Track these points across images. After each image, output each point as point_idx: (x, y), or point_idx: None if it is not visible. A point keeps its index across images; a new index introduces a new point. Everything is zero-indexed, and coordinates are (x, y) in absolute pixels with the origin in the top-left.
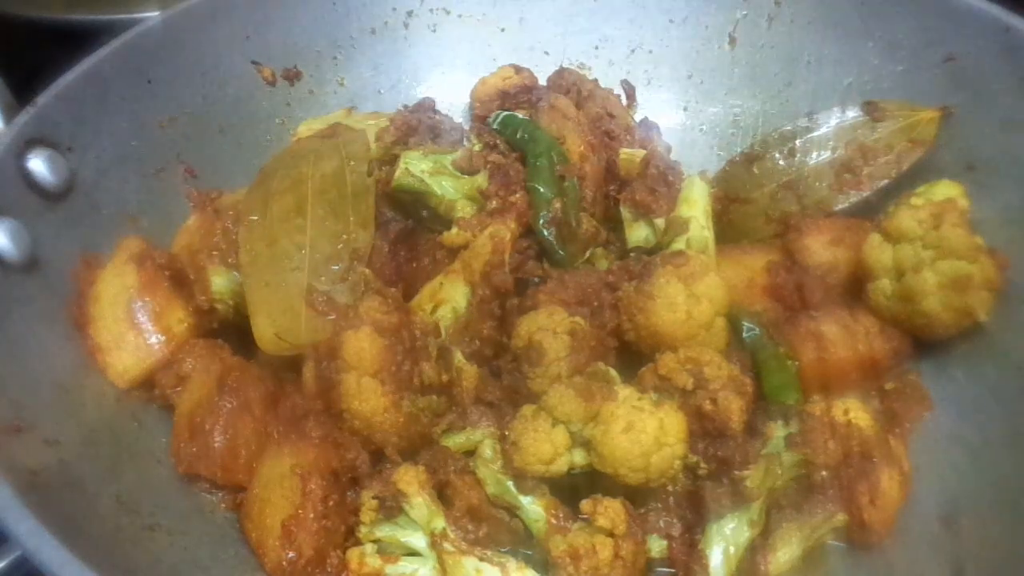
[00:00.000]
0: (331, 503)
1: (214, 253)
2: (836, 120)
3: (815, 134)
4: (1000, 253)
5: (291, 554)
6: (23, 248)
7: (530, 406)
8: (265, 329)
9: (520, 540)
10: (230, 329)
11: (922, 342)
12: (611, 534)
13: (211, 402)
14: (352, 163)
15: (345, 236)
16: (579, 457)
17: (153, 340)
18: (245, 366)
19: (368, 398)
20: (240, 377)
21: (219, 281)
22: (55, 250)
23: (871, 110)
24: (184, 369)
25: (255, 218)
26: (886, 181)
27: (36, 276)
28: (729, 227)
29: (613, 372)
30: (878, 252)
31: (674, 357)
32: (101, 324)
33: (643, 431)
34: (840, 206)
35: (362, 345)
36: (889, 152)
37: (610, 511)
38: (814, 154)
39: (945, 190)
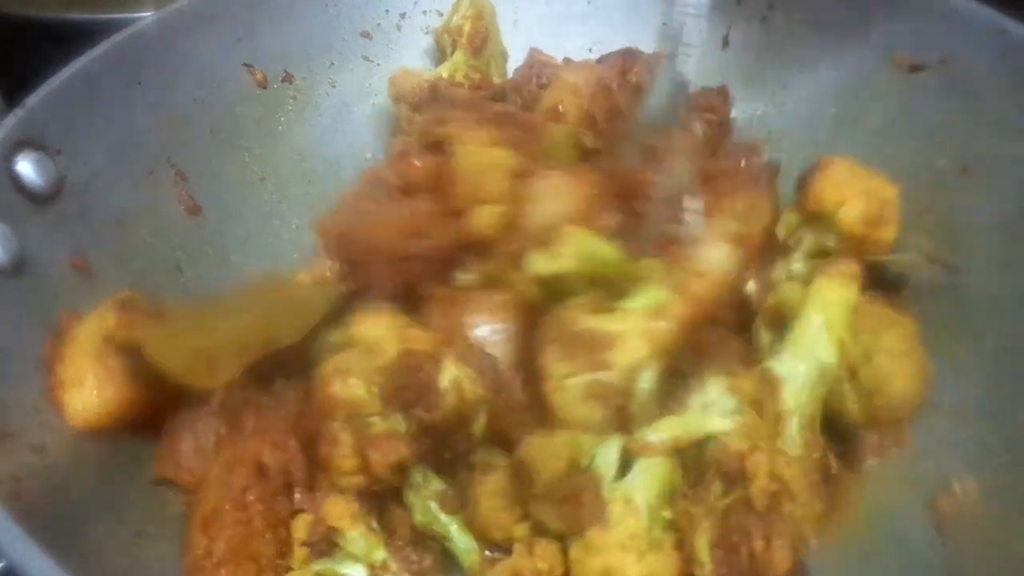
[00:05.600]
0: (250, 496)
1: None
2: None
3: None
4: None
5: (202, 549)
6: (11, 251)
7: (494, 478)
8: None
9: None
10: None
11: None
12: None
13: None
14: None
15: None
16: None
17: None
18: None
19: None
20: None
21: None
22: (43, 253)
23: None
24: None
25: None
26: None
27: (24, 279)
28: None
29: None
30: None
31: (760, 461)
32: (68, 360)
33: None
34: None
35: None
36: None
37: (548, 553)
38: None
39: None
